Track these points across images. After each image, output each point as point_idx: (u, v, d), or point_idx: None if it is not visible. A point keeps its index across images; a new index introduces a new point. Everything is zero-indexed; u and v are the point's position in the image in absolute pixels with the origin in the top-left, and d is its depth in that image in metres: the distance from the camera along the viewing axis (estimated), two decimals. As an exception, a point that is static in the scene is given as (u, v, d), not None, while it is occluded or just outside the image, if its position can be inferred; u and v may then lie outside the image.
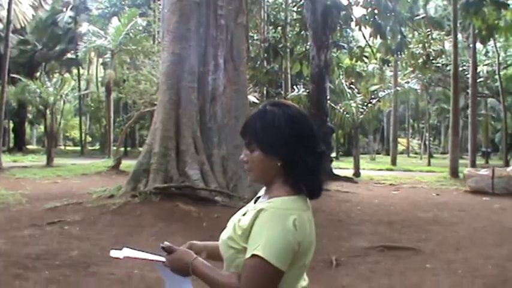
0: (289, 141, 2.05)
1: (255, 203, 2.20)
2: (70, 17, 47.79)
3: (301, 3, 27.64)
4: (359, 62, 31.14)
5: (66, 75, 51.82)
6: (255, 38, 33.87)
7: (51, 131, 33.21)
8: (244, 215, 2.12)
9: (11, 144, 50.78)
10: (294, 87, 33.32)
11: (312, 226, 2.10)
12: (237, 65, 14.45)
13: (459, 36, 30.04)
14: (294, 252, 1.95)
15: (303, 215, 2.02)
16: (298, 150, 2.05)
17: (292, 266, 1.98)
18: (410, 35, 31.44)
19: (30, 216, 11.05)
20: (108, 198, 12.71)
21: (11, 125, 52.75)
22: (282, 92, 34.91)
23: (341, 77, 30.49)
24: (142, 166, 13.37)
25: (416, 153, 63.99)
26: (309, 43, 22.97)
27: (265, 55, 32.63)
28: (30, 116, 56.46)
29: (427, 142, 53.06)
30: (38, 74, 46.47)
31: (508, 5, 23.64)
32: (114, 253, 2.32)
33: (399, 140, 52.71)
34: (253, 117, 2.16)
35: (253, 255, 1.91)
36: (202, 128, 13.83)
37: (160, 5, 23.17)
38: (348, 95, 27.26)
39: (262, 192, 2.23)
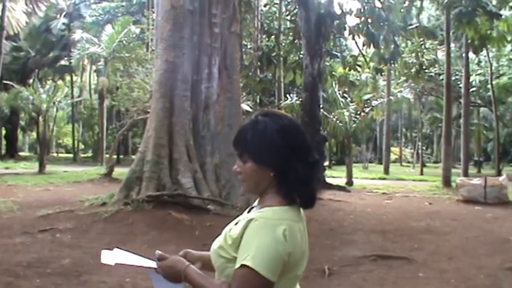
0: (281, 151, 2.04)
1: (248, 212, 2.19)
2: (64, 23, 47.79)
3: (294, 12, 27.70)
4: (352, 71, 31.20)
5: (59, 82, 51.70)
6: (249, 46, 33.88)
7: (43, 138, 33.14)
8: (236, 224, 2.11)
9: (3, 151, 50.54)
10: (287, 95, 33.36)
11: (304, 237, 2.08)
12: (231, 73, 14.47)
13: (452, 45, 30.17)
14: (284, 263, 1.92)
15: (293, 226, 2.00)
16: (290, 160, 2.03)
17: (283, 276, 1.96)
18: (403, 44, 31.52)
19: (22, 224, 11.00)
20: (100, 206, 12.67)
21: (3, 132, 52.57)
22: (275, 101, 34.91)
23: (334, 85, 30.55)
24: (135, 174, 13.35)
25: (409, 162, 64.02)
26: (302, 52, 23.04)
27: (259, 63, 32.64)
28: (22, 122, 56.30)
29: (419, 151, 53.16)
30: (31, 80, 46.37)
31: (500, 15, 23.79)
32: (104, 258, 2.30)
33: (392, 149, 52.72)
34: (245, 127, 2.15)
35: (243, 265, 1.89)
36: (196, 136, 13.82)
37: (153, 12, 23.17)
38: (341, 104, 27.31)
39: (256, 202, 2.22)
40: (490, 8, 22.88)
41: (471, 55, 31.98)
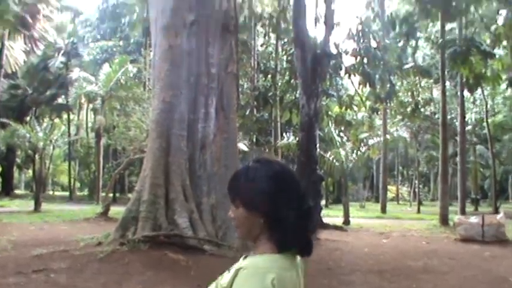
0: (272, 197, 2.03)
1: (244, 259, 2.18)
2: (61, 62, 48.10)
3: (291, 52, 27.99)
4: (348, 110, 31.37)
5: (57, 120, 51.87)
6: (245, 86, 34.13)
7: (39, 176, 33.04)
8: (229, 272, 2.10)
9: (-2, 189, 50.43)
10: (284, 135, 33.45)
11: (296, 285, 2.06)
12: (227, 113, 14.53)
13: (447, 84, 30.42)
14: None
15: (283, 274, 1.95)
16: (281, 207, 2.02)
17: None
18: (399, 83, 31.77)
19: (16, 263, 10.90)
20: (96, 245, 12.56)
21: (-1, 169, 52.52)
22: (272, 140, 35.03)
23: (330, 125, 30.66)
24: (131, 213, 13.28)
25: (406, 200, 63.89)
26: (298, 91, 23.20)
27: (255, 103, 32.86)
28: (18, 160, 56.24)
29: (416, 189, 53.11)
30: (28, 118, 46.50)
31: (494, 54, 24.09)
32: None
33: (389, 187, 52.63)
34: (237, 173, 2.15)
35: None
36: (192, 176, 13.78)
37: (151, 51, 23.38)
38: (338, 143, 27.37)
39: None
40: (484, 47, 23.17)
41: (466, 93, 32.25)
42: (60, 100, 50.52)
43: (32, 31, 38.62)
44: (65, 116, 52.62)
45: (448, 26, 29.20)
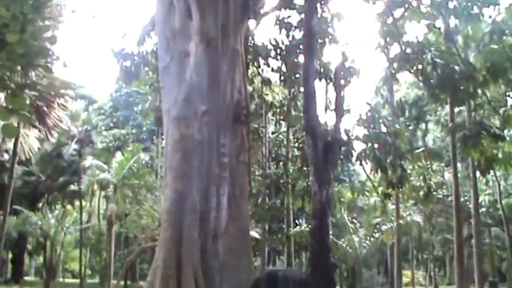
0: None
1: None
2: (75, 149, 48.72)
3: (302, 139, 28.19)
4: (361, 196, 31.31)
5: (69, 207, 51.97)
6: (257, 173, 34.24)
7: (50, 263, 32.92)
8: None
9: (8, 275, 50.01)
10: (297, 221, 33.29)
11: None
12: (239, 202, 14.49)
13: (459, 165, 30.39)
14: None
15: None
16: None
17: None
18: (410, 167, 31.79)
19: None
20: None
21: (10, 256, 52.19)
22: (285, 228, 34.83)
23: (343, 211, 30.56)
24: (143, 305, 13.10)
25: (421, 285, 62.69)
26: (310, 179, 23.17)
27: (267, 191, 32.89)
28: (29, 246, 56.05)
29: (432, 273, 52.22)
30: (41, 204, 46.69)
31: (505, 137, 24.11)
32: None
33: (403, 271, 51.78)
34: None
35: None
36: (204, 266, 13.59)
37: (163, 140, 23.69)
38: (351, 230, 27.18)
39: None
40: (494, 130, 23.23)
41: (479, 174, 32.18)
42: (73, 187, 50.82)
43: (47, 119, 39.20)
44: (77, 203, 52.73)
45: (457, 109, 29.48)
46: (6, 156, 37.58)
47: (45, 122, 34.78)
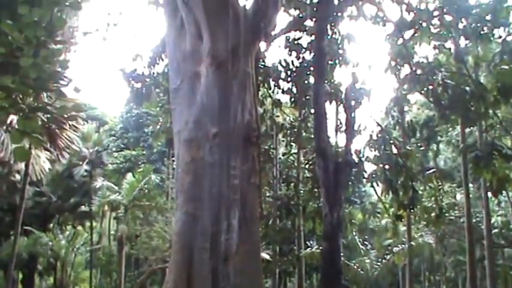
0: None
1: None
2: (86, 170, 48.84)
3: (313, 161, 28.15)
4: (372, 217, 31.17)
5: (79, 227, 52.01)
6: (268, 195, 34.15)
7: (60, 284, 32.87)
8: None
9: (19, 296, 49.99)
10: (308, 243, 33.12)
11: None
12: (250, 224, 14.41)
13: (470, 186, 30.22)
14: None
15: None
16: None
17: None
18: (421, 188, 31.65)
19: None
20: None
21: (20, 276, 52.17)
22: (295, 249, 34.67)
23: (354, 232, 30.41)
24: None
25: (434, 307, 62.21)
26: (321, 200, 23.11)
27: (278, 213, 32.72)
28: (40, 267, 56.04)
29: (444, 295, 51.86)
30: (51, 225, 46.76)
31: (517, 157, 23.98)
32: None
33: (416, 293, 51.40)
34: None
35: None
36: (215, 288, 13.55)
37: (174, 161, 23.72)
38: (362, 251, 27.03)
39: None
40: (506, 150, 23.14)
41: (491, 195, 32.00)
42: (84, 208, 50.87)
43: (58, 141, 39.45)
44: (87, 223, 52.75)
45: (469, 129, 29.42)
46: (17, 177, 37.75)
47: (56, 144, 35.02)
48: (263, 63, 22.70)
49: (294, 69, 23.13)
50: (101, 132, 54.08)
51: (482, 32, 20.38)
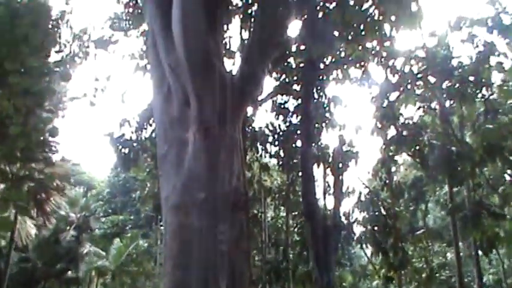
0: None
1: None
2: (73, 236, 48.20)
3: (301, 224, 28.07)
4: (362, 280, 30.86)
5: (65, 294, 51.09)
6: (256, 259, 33.77)
7: None
8: None
9: None
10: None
11: None
12: (239, 291, 14.21)
13: (460, 245, 30.09)
14: None
15: None
16: None
17: None
18: (411, 249, 31.50)
19: None
20: None
21: None
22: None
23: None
24: None
25: None
26: (311, 264, 22.94)
27: (267, 277, 32.31)
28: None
29: None
30: (36, 292, 45.88)
31: (505, 215, 24.01)
32: None
33: None
34: None
35: None
36: None
37: (162, 226, 23.54)
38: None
39: None
40: (494, 209, 23.19)
41: (481, 254, 31.87)
42: (70, 274, 50.04)
43: (45, 206, 39.12)
44: (74, 290, 51.85)
45: (456, 188, 29.49)
46: (3, 243, 37.27)
47: (43, 209, 34.75)
48: (251, 127, 22.85)
49: (281, 132, 23.30)
50: (89, 197, 53.80)
51: (466, 93, 20.72)
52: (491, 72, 20.45)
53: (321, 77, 21.29)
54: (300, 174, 20.82)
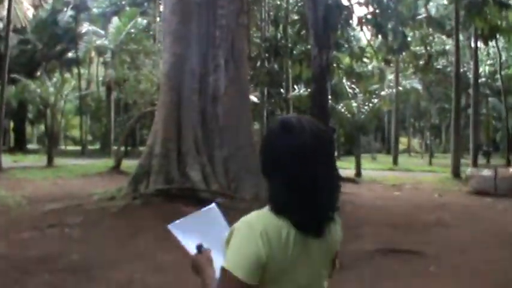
0: (265, 155, 1.95)
1: None
2: (70, 16, 47.53)
3: (301, 3, 27.54)
4: (359, 62, 30.95)
5: (67, 74, 51.73)
6: (255, 36, 33.52)
7: (51, 131, 33.02)
8: None
9: (12, 144, 50.58)
10: (295, 87, 33.13)
11: (296, 244, 1.84)
12: (238, 65, 14.33)
13: (460, 36, 29.90)
14: (262, 265, 1.77)
15: (275, 229, 1.81)
16: (265, 166, 1.95)
17: (271, 284, 1.83)
18: (411, 34, 31.28)
19: (31, 219, 10.96)
20: (108, 200, 12.61)
21: (11, 125, 52.49)
22: (284, 92, 34.75)
23: (341, 77, 30.37)
24: (143, 168, 13.29)
25: (417, 152, 63.75)
26: (310, 42, 22.89)
27: (266, 55, 32.36)
28: (30, 115, 56.28)
29: (428, 141, 52.97)
30: (38, 73, 46.29)
31: (510, 5, 23.57)
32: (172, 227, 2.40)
33: (400, 139, 52.48)
34: None
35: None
36: (204, 129, 13.68)
37: (161, 3, 23.11)
38: (349, 95, 27.16)
39: None
40: (499, -2, 22.70)
41: (480, 45, 31.83)
42: (70, 54, 50.19)
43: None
44: (75, 70, 52.30)
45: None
46: (0, 25, 36.88)
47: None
48: None
49: None
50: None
51: None
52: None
53: None
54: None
